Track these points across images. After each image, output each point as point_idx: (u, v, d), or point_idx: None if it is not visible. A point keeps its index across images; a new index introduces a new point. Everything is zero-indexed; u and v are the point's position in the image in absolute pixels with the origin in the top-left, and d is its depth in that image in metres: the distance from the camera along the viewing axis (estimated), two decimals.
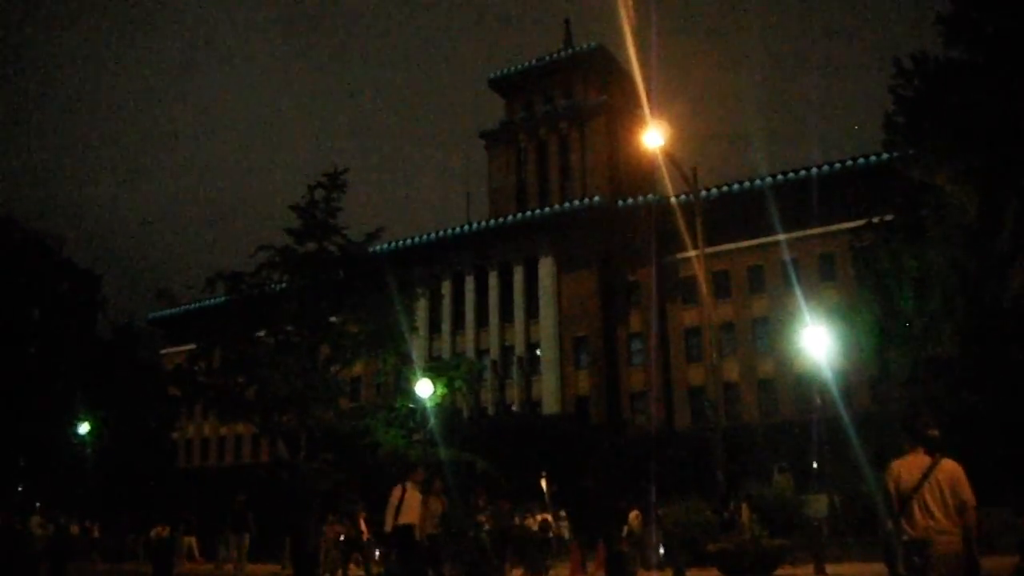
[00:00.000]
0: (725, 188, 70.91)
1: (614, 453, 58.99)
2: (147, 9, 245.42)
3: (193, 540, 45.86)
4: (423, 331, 72.69)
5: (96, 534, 51.74)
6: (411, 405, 49.55)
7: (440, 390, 50.48)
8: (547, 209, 78.64)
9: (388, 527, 18.84)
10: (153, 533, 43.82)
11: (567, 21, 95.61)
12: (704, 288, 36.68)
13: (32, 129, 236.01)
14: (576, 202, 77.52)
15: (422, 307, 67.48)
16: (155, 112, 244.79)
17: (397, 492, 19.07)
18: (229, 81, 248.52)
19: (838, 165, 67.07)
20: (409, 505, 18.83)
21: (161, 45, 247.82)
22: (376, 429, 49.22)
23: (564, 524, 33.52)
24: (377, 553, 31.74)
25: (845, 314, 40.58)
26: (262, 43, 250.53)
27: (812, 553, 27.30)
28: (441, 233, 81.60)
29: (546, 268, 76.56)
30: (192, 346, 49.85)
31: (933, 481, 8.51)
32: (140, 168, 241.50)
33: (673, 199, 63.69)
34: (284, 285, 48.06)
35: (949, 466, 8.59)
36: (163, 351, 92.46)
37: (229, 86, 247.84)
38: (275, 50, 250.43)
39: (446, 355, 74.29)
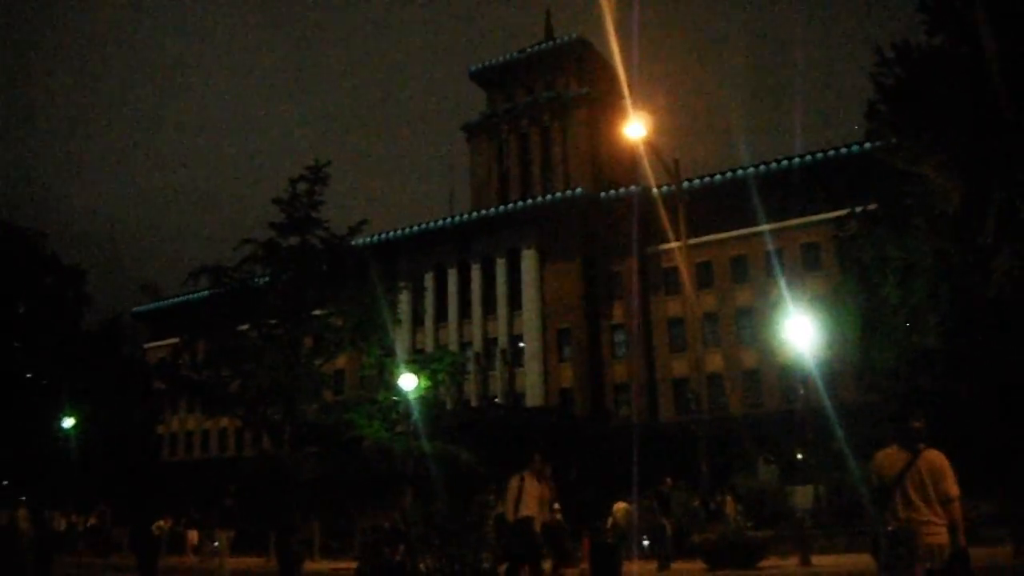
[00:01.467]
0: (708, 179, 70.96)
1: (598, 445, 58.97)
2: (130, 4, 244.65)
3: (195, 534, 45.60)
4: (406, 324, 72.59)
5: (82, 528, 51.67)
6: (394, 398, 49.55)
7: (423, 383, 50.45)
8: (529, 201, 78.58)
9: (511, 520, 17.77)
10: (155, 526, 43.60)
11: (548, 13, 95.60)
12: (687, 279, 36.68)
13: (14, 124, 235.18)
14: (558, 194, 77.49)
15: (405, 300, 67.52)
16: (137, 107, 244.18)
17: (515, 483, 17.88)
18: (211, 75, 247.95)
19: (821, 155, 67.09)
20: (529, 496, 17.78)
21: (143, 40, 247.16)
22: (359, 422, 49.26)
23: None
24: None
25: (829, 304, 40.54)
26: (244, 37, 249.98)
27: (797, 544, 27.26)
28: (423, 226, 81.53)
29: (529, 260, 76.53)
30: (176, 340, 49.86)
31: (915, 472, 8.47)
32: (123, 163, 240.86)
33: (656, 190, 63.79)
34: (267, 278, 48.05)
35: (931, 457, 8.55)
36: (147, 345, 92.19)
37: (211, 80, 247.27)
38: (257, 44, 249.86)
39: (429, 348, 74.29)
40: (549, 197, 77.64)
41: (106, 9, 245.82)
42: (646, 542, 32.21)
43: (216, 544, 33.09)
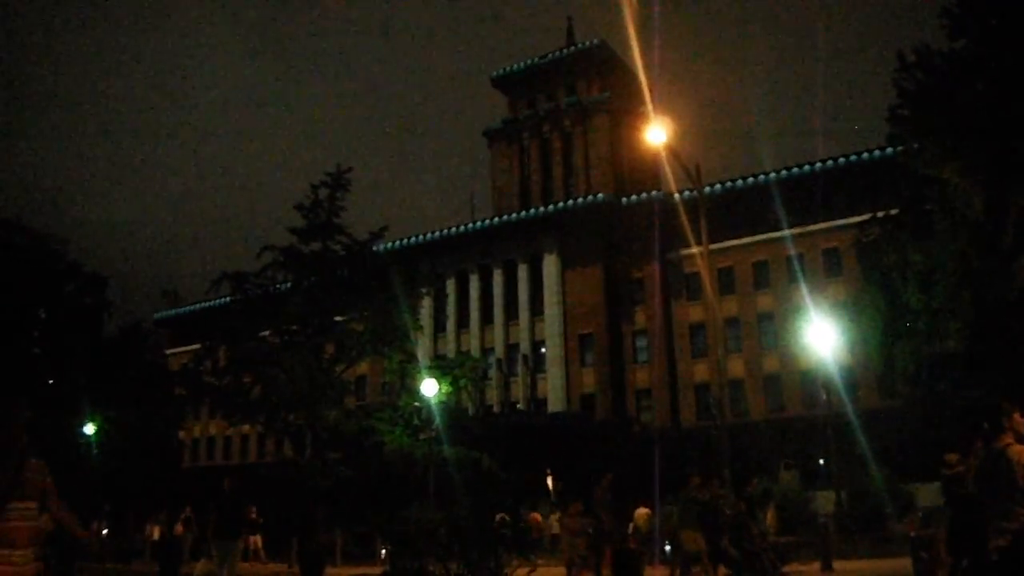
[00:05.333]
0: (729, 184, 70.80)
1: (620, 450, 58.90)
2: (150, 10, 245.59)
3: (258, 539, 45.46)
4: (428, 330, 72.64)
5: (103, 534, 51.67)
6: (416, 404, 49.60)
7: (445, 388, 50.53)
8: (551, 207, 78.53)
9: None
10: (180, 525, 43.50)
11: (569, 18, 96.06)
12: (708, 284, 36.61)
13: (37, 133, 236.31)
14: (580, 199, 77.41)
15: (427, 305, 67.49)
16: (159, 114, 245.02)
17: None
18: (233, 81, 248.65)
19: (843, 160, 66.89)
20: None
21: (165, 46, 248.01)
22: (381, 428, 49.31)
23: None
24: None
25: (850, 309, 40.49)
26: (265, 43, 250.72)
27: (819, 550, 27.12)
28: (445, 232, 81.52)
29: (550, 266, 76.46)
30: (197, 346, 49.98)
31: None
32: (145, 170, 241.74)
33: (677, 195, 63.69)
34: (289, 285, 48.12)
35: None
36: (168, 351, 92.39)
37: (233, 86, 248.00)
38: (279, 49, 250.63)
39: (451, 353, 74.30)
40: (570, 202, 77.57)
41: (125, 17, 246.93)
42: (668, 547, 32.03)
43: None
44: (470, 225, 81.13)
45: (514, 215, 79.79)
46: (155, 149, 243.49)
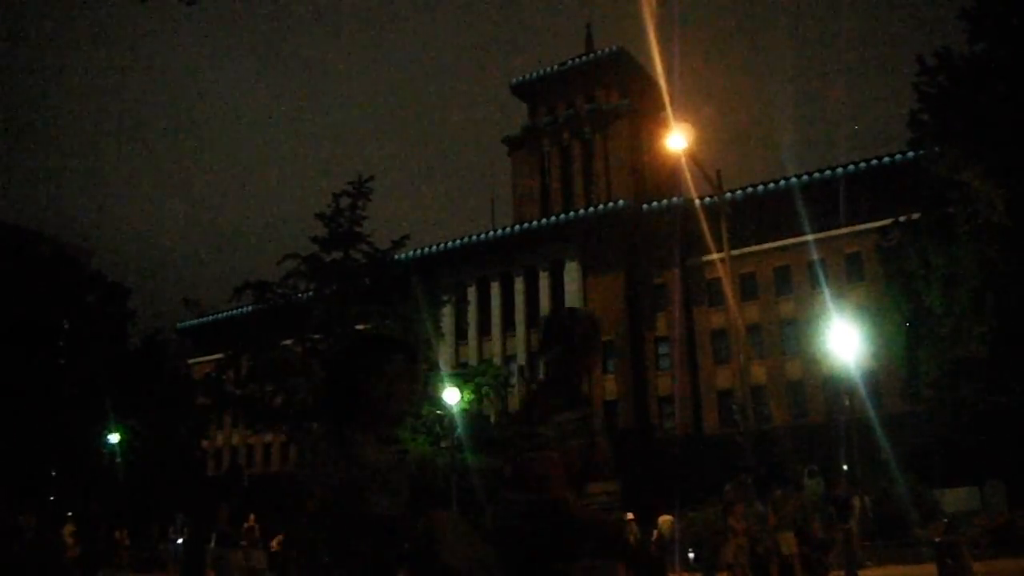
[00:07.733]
0: (750, 189, 70.62)
1: (643, 458, 58.77)
2: (172, 18, 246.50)
3: None
4: (449, 338, 72.67)
5: (126, 543, 51.73)
6: (438, 412, 49.59)
7: (467, 396, 50.49)
8: (571, 214, 78.40)
9: None
10: (275, 542, 43.51)
11: (588, 25, 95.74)
12: (730, 290, 36.45)
13: (59, 145, 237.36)
14: (600, 206, 77.27)
15: (448, 314, 67.47)
16: (181, 124, 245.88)
17: None
18: (253, 91, 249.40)
19: (864, 164, 66.67)
20: None
21: (186, 56, 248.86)
22: (403, 436, 49.23)
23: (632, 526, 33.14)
24: None
25: (873, 314, 40.31)
26: (287, 52, 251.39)
27: (843, 557, 26.97)
28: (466, 240, 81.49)
29: (572, 273, 76.35)
30: (220, 355, 50.15)
31: None
32: (166, 180, 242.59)
33: (698, 201, 63.55)
34: (311, 293, 48.27)
35: None
36: (191, 361, 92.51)
37: (253, 96, 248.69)
38: (300, 59, 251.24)
39: (473, 361, 74.22)
40: (591, 209, 77.44)
41: (147, 29, 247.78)
42: (691, 555, 31.95)
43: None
44: (491, 233, 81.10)
45: (535, 222, 79.71)
46: (177, 159, 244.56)
